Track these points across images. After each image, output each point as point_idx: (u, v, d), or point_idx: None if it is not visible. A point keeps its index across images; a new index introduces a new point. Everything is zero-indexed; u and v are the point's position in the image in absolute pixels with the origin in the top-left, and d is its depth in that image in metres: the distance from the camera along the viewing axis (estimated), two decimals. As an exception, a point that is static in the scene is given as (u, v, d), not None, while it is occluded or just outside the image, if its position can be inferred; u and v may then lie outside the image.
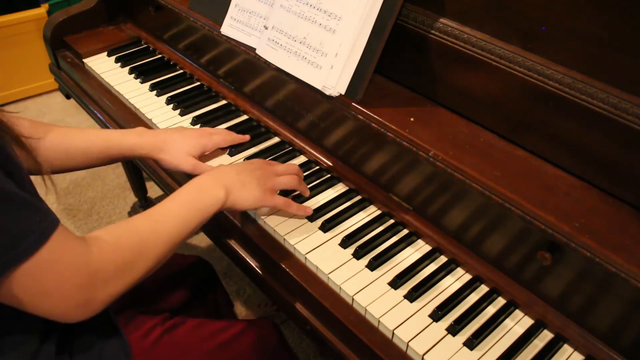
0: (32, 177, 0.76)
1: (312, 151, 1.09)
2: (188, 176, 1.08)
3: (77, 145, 0.97)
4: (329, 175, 1.06)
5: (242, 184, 0.87)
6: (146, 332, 0.92)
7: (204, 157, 1.09)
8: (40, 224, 0.64)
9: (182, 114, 1.22)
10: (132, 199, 2.12)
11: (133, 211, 1.97)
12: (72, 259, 0.67)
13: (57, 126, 0.98)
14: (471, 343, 0.79)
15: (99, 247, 0.71)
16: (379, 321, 0.81)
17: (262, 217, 0.96)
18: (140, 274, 0.75)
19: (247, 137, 1.13)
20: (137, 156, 1.03)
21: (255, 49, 1.11)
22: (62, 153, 0.96)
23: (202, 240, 1.96)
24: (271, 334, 1.03)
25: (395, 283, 0.86)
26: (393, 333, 0.80)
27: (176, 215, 0.80)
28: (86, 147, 0.98)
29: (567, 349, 0.80)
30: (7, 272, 0.62)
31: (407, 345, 0.79)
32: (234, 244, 1.01)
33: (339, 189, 1.04)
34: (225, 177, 0.87)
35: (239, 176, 0.88)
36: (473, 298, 0.86)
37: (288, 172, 0.95)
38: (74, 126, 2.57)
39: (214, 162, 1.08)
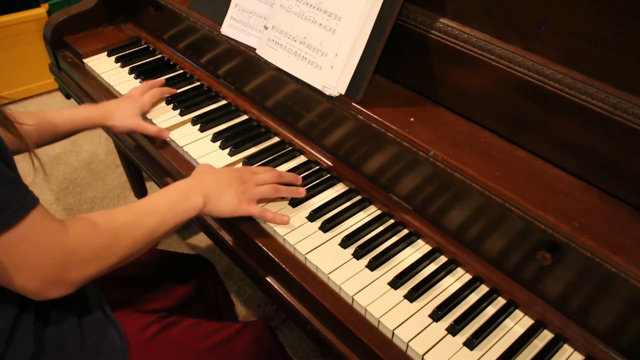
0: (23, 164, 0.80)
1: (312, 151, 1.09)
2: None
3: (43, 122, 1.08)
4: (329, 175, 1.06)
5: (220, 194, 0.92)
6: (143, 328, 0.92)
7: (203, 156, 1.09)
8: (20, 200, 0.67)
9: (182, 114, 1.22)
10: (132, 199, 2.12)
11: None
12: (49, 236, 0.70)
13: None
14: (471, 343, 0.79)
15: (76, 229, 0.74)
16: (379, 321, 0.81)
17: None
18: (114, 260, 0.79)
19: (174, 90, 1.27)
20: (90, 127, 1.15)
21: (255, 49, 1.11)
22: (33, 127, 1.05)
23: (202, 240, 1.96)
24: (266, 335, 1.03)
25: (395, 283, 0.86)
26: (393, 333, 0.80)
27: (155, 212, 0.85)
28: (42, 124, 1.07)
29: (567, 349, 0.80)
30: None
31: (407, 345, 0.79)
32: (234, 244, 1.01)
33: (339, 189, 1.04)
34: (205, 186, 0.92)
35: (218, 186, 0.93)
36: (473, 298, 0.86)
37: (268, 182, 0.97)
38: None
39: (216, 162, 1.09)
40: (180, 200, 0.88)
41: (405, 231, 0.96)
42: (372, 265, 0.89)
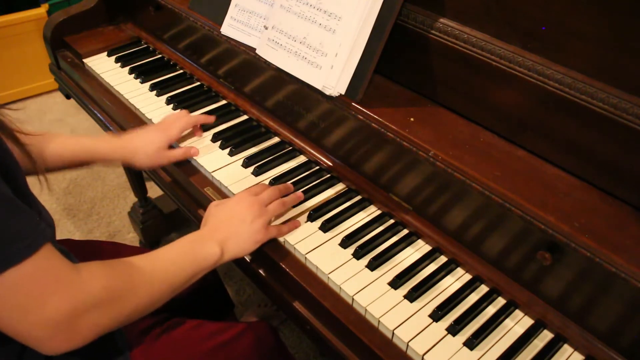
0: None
1: (312, 151, 1.09)
2: (190, 175, 1.08)
3: (52, 149, 1.00)
4: (329, 175, 1.06)
5: (237, 234, 0.87)
6: (144, 330, 0.92)
7: (202, 156, 1.09)
8: (30, 233, 0.61)
9: (182, 114, 1.22)
10: (132, 199, 2.12)
11: (133, 211, 1.97)
12: (59, 274, 0.64)
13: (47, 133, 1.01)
14: (471, 343, 0.79)
15: (89, 271, 0.68)
16: (379, 321, 0.81)
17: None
18: (130, 310, 0.72)
19: (212, 118, 1.16)
20: (111, 162, 1.07)
21: (255, 49, 1.11)
22: (39, 153, 0.97)
23: (202, 240, 1.96)
24: (268, 336, 1.03)
25: (395, 283, 0.86)
26: (393, 333, 0.80)
27: (172, 260, 0.80)
28: (57, 151, 1.00)
29: (567, 349, 0.80)
30: None
31: (407, 345, 0.79)
32: (234, 244, 1.01)
33: (339, 189, 1.04)
34: (220, 232, 0.87)
35: (233, 223, 0.88)
36: (473, 298, 0.86)
37: (273, 198, 0.94)
38: (73, 125, 2.57)
39: (216, 162, 1.09)
40: (195, 248, 0.83)
41: (405, 231, 0.96)
42: (372, 265, 0.89)
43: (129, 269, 0.74)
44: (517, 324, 0.83)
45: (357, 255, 0.90)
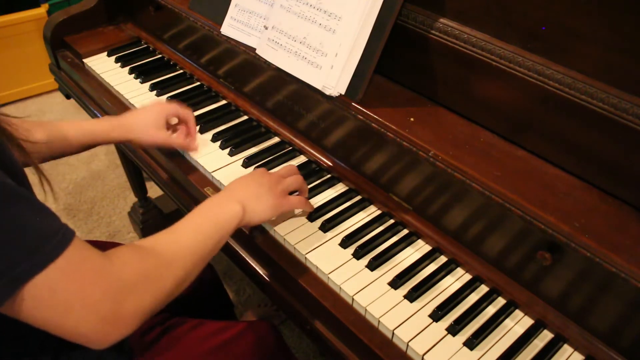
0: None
1: (312, 151, 1.09)
2: (190, 175, 1.09)
3: (57, 133, 1.01)
4: (329, 175, 1.06)
5: (256, 196, 0.86)
6: (146, 331, 0.92)
7: (203, 156, 1.09)
8: (57, 231, 0.61)
9: (182, 114, 1.22)
10: (132, 199, 2.12)
11: (133, 211, 1.97)
12: (93, 265, 0.63)
13: (40, 122, 1.01)
14: (471, 343, 0.79)
15: (118, 257, 0.67)
16: (379, 321, 0.81)
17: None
18: (169, 286, 0.71)
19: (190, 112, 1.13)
20: (111, 141, 1.08)
21: (255, 49, 1.11)
22: (44, 143, 0.98)
23: (202, 240, 1.96)
24: (270, 335, 1.03)
25: (395, 283, 0.86)
26: (393, 333, 0.80)
27: (196, 228, 0.79)
28: (60, 136, 1.01)
29: (567, 349, 0.80)
30: (26, 283, 0.57)
31: (407, 345, 0.79)
32: (234, 244, 1.01)
33: (339, 189, 1.04)
34: (237, 193, 0.86)
35: (250, 189, 0.87)
36: (473, 298, 0.86)
37: (291, 174, 0.95)
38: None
39: (216, 162, 1.09)
40: (218, 212, 0.82)
41: (405, 231, 0.96)
42: (372, 265, 0.89)
43: (157, 246, 0.73)
44: (517, 324, 0.83)
45: (357, 255, 0.90)
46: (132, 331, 0.66)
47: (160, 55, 1.43)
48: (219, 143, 1.13)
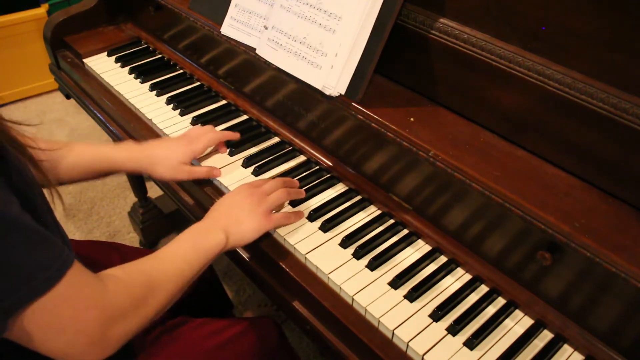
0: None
1: (312, 151, 1.09)
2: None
3: (68, 157, 0.98)
4: (329, 175, 1.06)
5: (237, 221, 0.88)
6: (147, 331, 0.92)
7: (203, 157, 1.09)
8: (56, 259, 0.62)
9: (182, 114, 1.22)
10: (132, 199, 2.12)
11: (133, 211, 1.97)
12: (88, 292, 0.66)
13: (63, 143, 0.99)
14: (471, 343, 0.79)
15: (113, 283, 0.70)
16: (379, 321, 0.81)
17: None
18: (152, 312, 0.74)
19: (237, 135, 1.12)
20: (129, 171, 1.04)
21: (255, 49, 1.11)
22: (53, 167, 0.96)
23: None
24: (272, 333, 1.03)
25: (395, 283, 0.86)
26: (393, 333, 0.80)
27: (181, 255, 0.82)
28: (76, 160, 0.98)
29: (567, 349, 0.80)
30: (23, 307, 0.60)
31: (407, 345, 0.79)
32: (234, 244, 1.01)
33: (339, 189, 1.04)
34: (220, 220, 0.88)
35: (233, 213, 0.89)
36: (473, 298, 0.86)
37: (275, 187, 0.95)
38: (73, 125, 2.57)
39: (216, 162, 1.08)
40: (201, 240, 0.84)
41: (405, 231, 0.96)
42: (372, 265, 0.89)
43: (146, 273, 0.76)
44: (517, 324, 0.83)
45: (357, 255, 0.90)
46: (115, 352, 0.69)
47: (160, 55, 1.43)
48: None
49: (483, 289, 0.87)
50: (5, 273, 0.58)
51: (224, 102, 1.27)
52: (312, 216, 0.97)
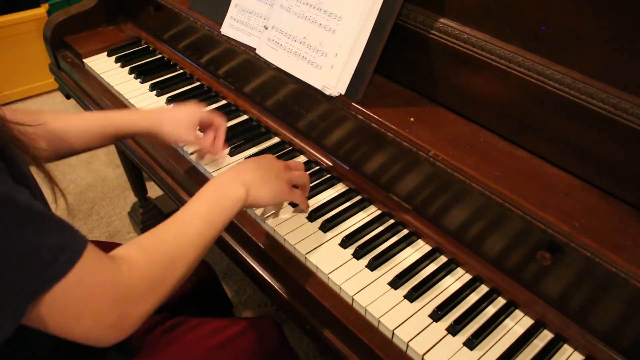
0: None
1: (312, 151, 1.09)
2: (190, 175, 1.09)
3: (76, 125, 0.97)
4: (329, 175, 1.06)
5: (261, 180, 0.85)
6: (146, 331, 0.92)
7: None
8: (71, 243, 0.62)
9: (182, 114, 1.22)
10: (132, 199, 2.12)
11: (133, 211, 1.97)
12: (104, 276, 0.64)
13: (47, 112, 0.97)
14: (471, 343, 0.79)
15: (128, 264, 0.68)
16: (379, 321, 0.81)
17: (263, 217, 0.97)
18: (172, 286, 0.72)
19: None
20: (137, 131, 1.03)
21: (255, 49, 1.11)
22: (59, 136, 0.95)
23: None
24: (272, 332, 1.03)
25: (395, 283, 0.86)
26: (393, 333, 0.80)
27: (200, 217, 0.77)
28: (85, 127, 0.98)
29: (567, 349, 0.80)
30: (42, 295, 0.59)
31: (407, 345, 0.79)
32: (234, 244, 1.01)
33: (339, 189, 1.04)
34: (244, 175, 0.85)
35: (258, 172, 0.86)
36: (473, 298, 0.86)
37: (298, 168, 0.95)
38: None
39: (216, 162, 1.08)
40: (222, 197, 0.81)
41: (405, 231, 0.96)
42: (372, 265, 0.89)
43: (163, 244, 0.72)
44: (517, 324, 0.83)
45: (357, 255, 0.90)
46: (136, 329, 0.68)
47: (160, 55, 1.43)
48: (219, 143, 1.13)
49: (483, 289, 0.87)
50: (23, 260, 0.57)
51: (224, 102, 1.27)
52: (312, 216, 0.97)
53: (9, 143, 0.65)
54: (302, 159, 1.11)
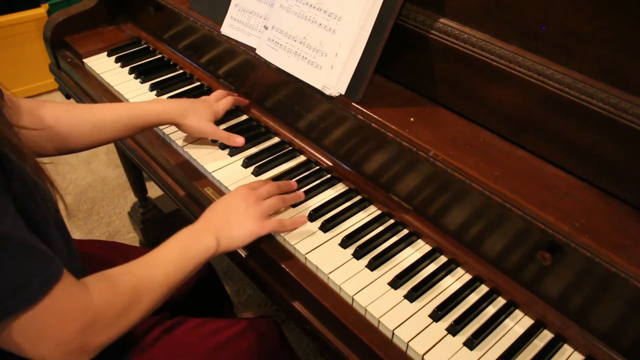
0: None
1: (312, 151, 1.09)
2: (190, 175, 1.09)
3: (105, 116, 1.00)
4: (329, 175, 1.06)
5: (231, 224, 0.87)
6: (145, 331, 0.92)
7: (203, 155, 1.09)
8: (43, 272, 0.63)
9: (182, 114, 1.22)
10: (132, 199, 2.12)
11: (133, 211, 1.97)
12: (74, 305, 0.67)
13: (54, 103, 0.98)
14: (471, 343, 0.79)
15: (99, 291, 0.71)
16: (379, 321, 0.81)
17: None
18: (136, 318, 0.75)
19: (246, 101, 1.21)
20: (162, 122, 1.07)
21: (255, 49, 1.11)
22: (89, 127, 0.98)
23: (202, 240, 1.96)
24: (272, 332, 1.03)
25: (395, 283, 0.86)
26: (393, 333, 0.80)
27: (170, 261, 0.81)
28: (114, 118, 1.01)
29: (567, 349, 0.80)
30: (8, 318, 0.61)
31: (407, 345, 0.79)
32: (234, 244, 1.01)
33: (339, 189, 1.04)
34: (214, 223, 0.87)
35: (226, 217, 0.88)
36: (473, 298, 0.86)
37: (271, 192, 0.94)
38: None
39: (216, 162, 1.09)
40: (192, 244, 0.84)
41: (405, 231, 0.96)
42: (372, 265, 0.89)
43: (132, 280, 0.76)
44: (517, 324, 0.83)
45: (357, 255, 0.90)
46: (95, 355, 0.71)
47: (160, 55, 1.43)
48: (218, 143, 1.13)
49: (483, 289, 0.87)
50: (1, 281, 0.59)
51: (224, 102, 1.26)
52: (312, 216, 0.97)
53: (8, 152, 0.65)
54: (302, 159, 1.11)
